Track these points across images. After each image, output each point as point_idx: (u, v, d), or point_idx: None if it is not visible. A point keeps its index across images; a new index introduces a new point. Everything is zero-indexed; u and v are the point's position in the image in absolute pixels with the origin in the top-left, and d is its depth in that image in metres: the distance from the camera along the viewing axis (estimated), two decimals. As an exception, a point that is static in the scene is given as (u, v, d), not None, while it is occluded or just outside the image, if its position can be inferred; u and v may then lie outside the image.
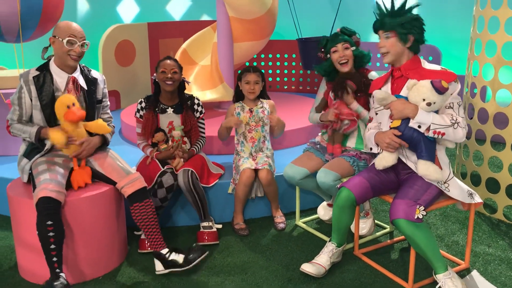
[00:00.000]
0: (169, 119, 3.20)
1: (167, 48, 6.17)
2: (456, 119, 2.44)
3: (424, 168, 2.45)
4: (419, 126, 2.42)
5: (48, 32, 4.07)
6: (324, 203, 3.39)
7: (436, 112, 2.46)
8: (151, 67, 6.12)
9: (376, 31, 2.63)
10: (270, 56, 6.82)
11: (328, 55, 3.06)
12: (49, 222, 2.45)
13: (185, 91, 3.30)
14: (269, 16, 4.56)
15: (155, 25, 6.13)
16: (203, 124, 3.37)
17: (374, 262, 2.87)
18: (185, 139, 3.25)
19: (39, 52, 2.84)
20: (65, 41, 2.68)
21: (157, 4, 7.24)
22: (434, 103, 2.40)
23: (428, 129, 2.41)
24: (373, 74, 3.05)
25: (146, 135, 3.20)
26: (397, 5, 2.57)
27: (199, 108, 3.29)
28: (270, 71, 6.86)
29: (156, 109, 3.19)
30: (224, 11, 4.45)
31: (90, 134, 2.85)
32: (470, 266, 2.84)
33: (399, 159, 2.60)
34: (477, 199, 2.65)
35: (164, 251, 2.74)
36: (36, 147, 2.78)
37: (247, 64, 6.72)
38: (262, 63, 6.84)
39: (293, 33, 6.00)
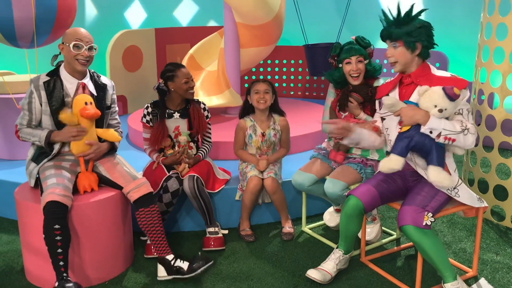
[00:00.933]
0: (176, 123, 3.21)
1: (174, 53, 6.19)
2: (466, 126, 2.42)
3: (434, 175, 2.41)
4: (430, 132, 2.39)
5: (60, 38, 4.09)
6: (331, 208, 3.38)
7: (447, 118, 2.45)
8: (158, 72, 6.12)
9: (383, 40, 2.59)
10: (277, 62, 6.82)
11: (340, 65, 3.00)
12: (56, 226, 2.46)
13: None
14: (276, 22, 4.57)
15: (163, 30, 6.16)
16: (209, 129, 3.38)
17: (381, 269, 2.86)
18: (191, 144, 3.26)
19: (50, 58, 2.87)
20: (71, 45, 2.70)
21: (164, 10, 7.27)
22: (446, 109, 2.37)
23: (439, 135, 2.39)
24: (381, 81, 3.02)
25: (155, 144, 3.20)
26: (404, 12, 2.53)
27: (205, 113, 3.29)
28: (276, 77, 6.87)
29: (164, 115, 3.19)
30: (231, 17, 4.46)
31: (99, 140, 2.86)
32: (478, 274, 2.82)
33: (407, 165, 2.58)
34: (484, 203, 2.64)
35: (170, 257, 2.73)
36: (44, 152, 2.79)
37: (254, 69, 6.74)
38: (269, 69, 6.85)
39: (299, 39, 6.00)
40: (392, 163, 2.44)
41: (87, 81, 2.83)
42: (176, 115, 3.20)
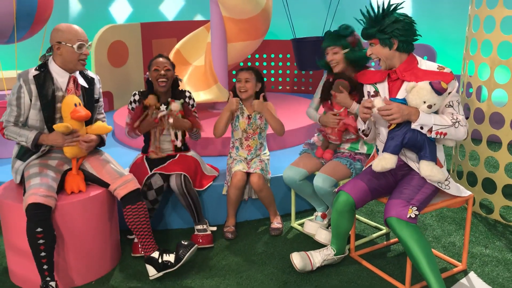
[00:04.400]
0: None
1: (160, 48, 6.12)
2: (457, 118, 2.44)
3: (428, 169, 2.44)
4: (421, 128, 2.40)
5: (37, 33, 3.97)
6: (313, 223, 3.21)
7: (437, 112, 2.45)
8: (144, 67, 6.06)
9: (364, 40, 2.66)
10: (265, 56, 6.78)
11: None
12: (39, 229, 2.40)
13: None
14: (263, 16, 4.52)
15: (148, 25, 6.08)
16: (197, 116, 3.30)
17: (371, 264, 2.84)
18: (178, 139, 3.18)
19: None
20: (76, 46, 2.63)
21: (150, 4, 7.19)
22: (435, 104, 2.39)
23: (430, 130, 2.40)
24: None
25: (132, 124, 3.11)
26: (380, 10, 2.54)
27: (191, 101, 3.24)
28: (264, 71, 6.82)
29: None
30: (217, 11, 4.41)
31: None
32: (467, 268, 2.81)
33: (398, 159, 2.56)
34: (468, 192, 2.67)
35: (155, 254, 2.69)
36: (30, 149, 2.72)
37: (242, 64, 6.68)
38: (257, 63, 6.80)
39: (287, 33, 5.95)
40: (385, 162, 2.45)
41: (76, 74, 2.78)
42: (163, 107, 3.11)
